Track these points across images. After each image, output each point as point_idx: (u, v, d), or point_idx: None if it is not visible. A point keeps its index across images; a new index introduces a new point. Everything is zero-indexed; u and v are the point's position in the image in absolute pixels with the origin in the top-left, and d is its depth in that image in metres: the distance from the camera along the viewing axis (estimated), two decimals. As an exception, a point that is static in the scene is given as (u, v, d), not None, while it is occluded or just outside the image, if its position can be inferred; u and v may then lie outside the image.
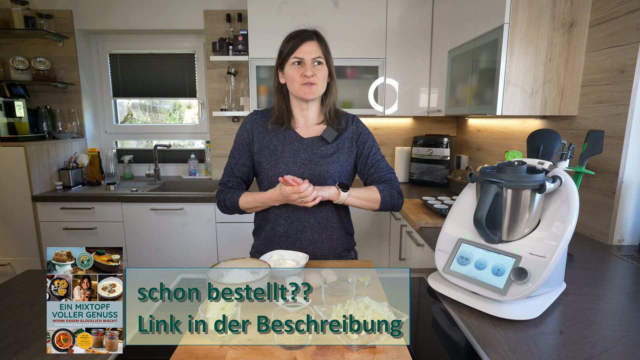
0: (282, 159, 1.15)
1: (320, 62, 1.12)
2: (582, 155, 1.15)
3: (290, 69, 1.12)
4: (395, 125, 2.87)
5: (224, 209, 1.23)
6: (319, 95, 1.15)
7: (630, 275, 1.09)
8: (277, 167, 1.15)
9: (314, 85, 1.11)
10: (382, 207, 1.18)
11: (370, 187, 1.17)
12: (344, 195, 1.11)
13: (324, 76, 1.13)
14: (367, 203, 1.15)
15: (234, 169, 1.22)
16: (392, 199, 1.17)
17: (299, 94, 1.13)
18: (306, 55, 1.10)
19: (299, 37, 1.11)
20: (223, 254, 2.39)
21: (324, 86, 1.15)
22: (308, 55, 1.10)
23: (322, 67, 1.12)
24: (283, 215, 1.18)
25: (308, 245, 1.20)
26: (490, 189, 0.84)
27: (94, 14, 2.69)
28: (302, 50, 1.10)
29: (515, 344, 0.74)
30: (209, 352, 0.68)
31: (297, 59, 1.10)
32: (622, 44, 1.30)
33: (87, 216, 2.34)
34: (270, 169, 1.16)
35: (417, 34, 2.42)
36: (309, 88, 1.11)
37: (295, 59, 1.11)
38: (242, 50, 2.52)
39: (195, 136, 3.04)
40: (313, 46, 1.11)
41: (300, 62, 1.11)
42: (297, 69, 1.11)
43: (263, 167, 1.17)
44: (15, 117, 2.44)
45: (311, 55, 1.10)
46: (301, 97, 1.13)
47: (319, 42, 1.12)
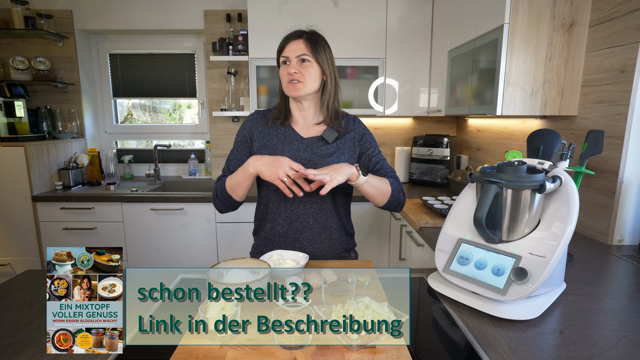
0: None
1: (305, 59, 1.11)
2: (582, 155, 1.15)
3: (281, 69, 1.16)
4: (395, 125, 2.87)
5: (216, 201, 1.19)
6: (305, 93, 1.13)
7: (630, 275, 1.09)
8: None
9: (299, 84, 1.11)
10: (389, 201, 1.16)
11: (382, 179, 1.15)
12: (362, 179, 1.07)
13: (312, 74, 1.12)
14: (379, 193, 1.13)
15: (230, 165, 1.21)
16: (399, 195, 1.18)
17: (286, 92, 1.16)
18: (291, 54, 1.12)
19: (286, 37, 1.14)
20: (223, 254, 2.39)
21: (313, 84, 1.14)
22: (292, 53, 1.11)
23: (309, 65, 1.12)
24: (282, 215, 1.18)
25: (307, 246, 1.19)
26: (490, 189, 0.84)
27: (94, 14, 2.69)
28: (288, 49, 1.12)
29: (515, 344, 0.74)
30: (209, 352, 0.68)
31: (284, 57, 1.13)
32: (622, 44, 1.30)
33: (87, 216, 2.34)
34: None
35: (417, 34, 2.42)
36: (292, 86, 1.12)
37: (283, 58, 1.14)
38: (242, 50, 2.52)
39: (195, 136, 3.04)
40: (299, 44, 1.11)
41: (286, 61, 1.13)
42: (284, 68, 1.14)
43: None
44: (15, 117, 2.44)
45: (295, 53, 1.11)
46: (288, 95, 1.15)
47: (307, 41, 1.12)
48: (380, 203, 1.16)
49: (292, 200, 1.16)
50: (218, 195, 1.18)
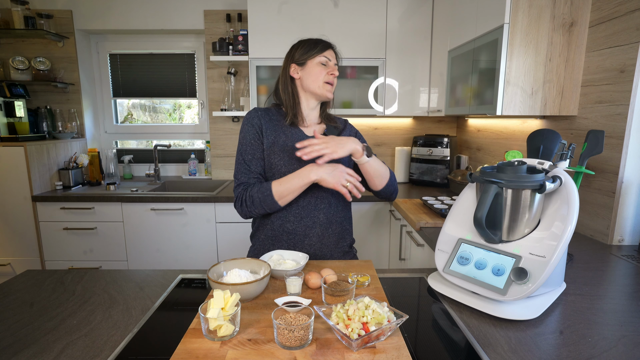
0: (293, 156, 1.17)
1: (337, 66, 1.25)
2: (582, 155, 1.15)
3: (315, 66, 1.20)
4: (395, 125, 2.87)
5: (253, 208, 1.14)
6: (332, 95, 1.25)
7: (630, 275, 1.09)
8: (291, 164, 1.16)
9: (332, 87, 1.23)
10: (387, 185, 1.24)
11: (382, 163, 1.23)
12: (365, 158, 1.15)
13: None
14: (378, 175, 1.21)
15: (251, 165, 1.18)
16: (395, 183, 1.28)
17: (320, 91, 1.21)
18: (332, 58, 1.23)
19: (324, 43, 1.23)
20: (223, 254, 2.39)
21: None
22: (332, 59, 1.23)
23: (336, 72, 1.23)
24: (293, 212, 1.19)
25: (316, 242, 1.21)
26: (490, 189, 0.84)
27: (94, 14, 2.69)
28: (328, 54, 1.22)
29: (515, 344, 0.74)
30: (209, 352, 0.68)
31: (326, 58, 1.21)
32: (622, 44, 1.30)
33: (87, 216, 2.34)
34: (283, 165, 1.17)
35: (417, 34, 2.42)
36: (330, 87, 1.22)
37: (324, 59, 1.21)
38: (242, 50, 2.52)
39: (195, 136, 3.04)
40: (333, 54, 1.24)
41: (326, 63, 1.21)
42: (323, 68, 1.20)
43: (275, 164, 1.17)
44: (15, 117, 2.44)
45: (334, 60, 1.23)
46: (322, 94, 1.21)
47: (335, 52, 1.25)
48: (378, 186, 1.24)
49: (303, 196, 1.18)
50: (259, 202, 1.12)
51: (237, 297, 0.76)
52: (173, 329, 0.79)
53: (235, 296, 0.76)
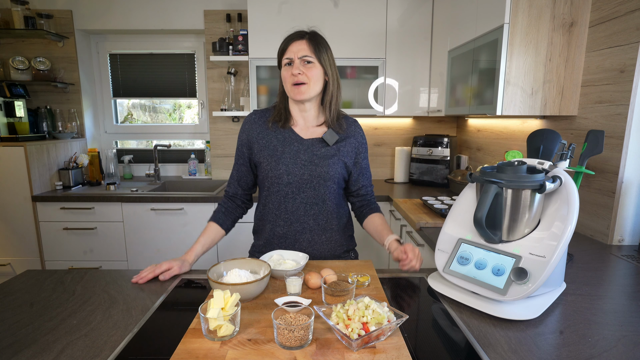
0: (282, 160, 1.14)
1: (309, 60, 1.09)
2: (582, 155, 1.15)
3: (283, 70, 1.14)
4: (395, 125, 2.87)
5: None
6: (310, 96, 1.12)
7: (630, 275, 1.09)
8: (277, 168, 1.14)
9: (303, 86, 1.09)
10: None
11: (385, 223, 1.26)
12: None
13: (316, 76, 1.10)
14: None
15: (240, 181, 1.24)
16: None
17: (290, 95, 1.13)
18: (294, 55, 1.09)
19: (288, 38, 1.12)
20: (223, 254, 2.39)
21: (317, 86, 1.12)
22: (295, 54, 1.09)
23: (312, 66, 1.10)
24: (282, 217, 1.18)
25: (307, 247, 1.19)
26: (490, 189, 0.84)
27: (94, 14, 2.69)
28: (291, 50, 1.10)
29: (515, 344, 0.74)
30: (209, 352, 0.68)
31: (288, 59, 1.11)
32: (622, 44, 1.30)
33: (87, 216, 2.34)
34: (270, 170, 1.15)
35: (417, 34, 2.42)
36: (297, 89, 1.10)
37: (286, 60, 1.11)
38: (242, 50, 2.52)
39: (195, 136, 3.03)
40: (302, 45, 1.09)
41: (290, 63, 1.11)
42: (287, 69, 1.11)
43: (263, 168, 1.16)
44: (15, 117, 2.44)
45: (298, 54, 1.09)
46: (292, 97, 1.13)
47: (309, 42, 1.10)
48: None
49: (292, 202, 1.16)
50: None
51: (237, 297, 0.76)
52: (173, 329, 0.78)
53: (235, 296, 0.76)
